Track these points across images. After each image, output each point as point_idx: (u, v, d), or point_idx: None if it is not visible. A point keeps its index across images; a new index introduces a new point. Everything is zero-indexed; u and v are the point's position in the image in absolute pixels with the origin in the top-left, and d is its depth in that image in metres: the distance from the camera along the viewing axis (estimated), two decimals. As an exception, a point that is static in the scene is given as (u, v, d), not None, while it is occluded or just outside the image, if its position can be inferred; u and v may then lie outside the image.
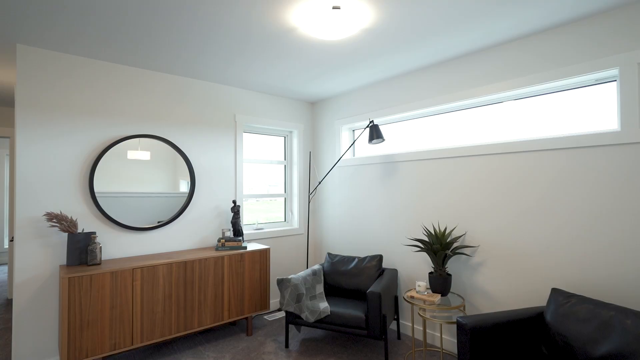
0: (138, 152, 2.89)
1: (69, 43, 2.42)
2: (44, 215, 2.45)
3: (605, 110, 2.14)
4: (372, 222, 3.43)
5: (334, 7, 1.94)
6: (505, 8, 1.99)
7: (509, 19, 2.12)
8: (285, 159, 4.13)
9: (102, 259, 2.72)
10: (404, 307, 3.15)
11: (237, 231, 3.30)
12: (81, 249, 2.52)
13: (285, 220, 4.10)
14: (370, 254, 3.44)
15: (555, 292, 2.04)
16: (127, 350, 2.75)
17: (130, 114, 2.88)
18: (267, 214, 3.98)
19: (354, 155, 3.79)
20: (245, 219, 3.76)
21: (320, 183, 3.89)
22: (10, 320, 3.53)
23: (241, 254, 3.06)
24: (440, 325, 2.52)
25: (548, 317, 1.98)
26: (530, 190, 2.35)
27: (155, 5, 1.92)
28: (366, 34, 2.32)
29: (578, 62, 2.15)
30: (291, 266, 3.96)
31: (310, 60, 2.78)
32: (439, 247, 2.55)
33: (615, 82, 2.10)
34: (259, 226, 3.80)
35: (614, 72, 2.05)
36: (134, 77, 2.91)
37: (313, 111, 4.20)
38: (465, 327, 1.91)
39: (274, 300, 3.78)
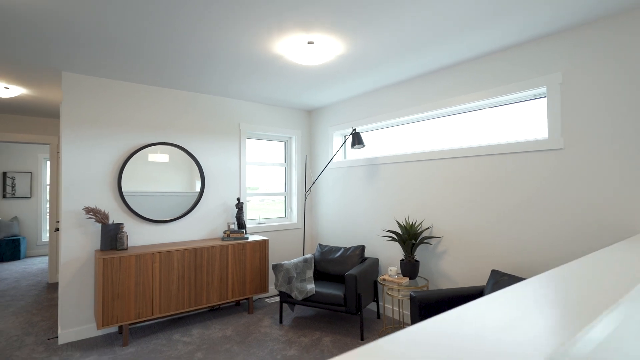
0: (158, 155, 3.46)
1: (103, 69, 3.00)
2: (83, 209, 3.04)
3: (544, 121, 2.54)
4: (359, 217, 3.89)
5: (309, 42, 2.42)
6: (462, 34, 2.43)
7: (465, 43, 2.56)
8: (285, 162, 4.63)
9: (129, 245, 3.30)
10: (384, 290, 3.60)
11: (241, 224, 3.82)
12: (112, 237, 3.09)
13: (285, 216, 4.61)
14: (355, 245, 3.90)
15: (493, 272, 2.46)
16: (149, 320, 3.32)
17: (150, 125, 3.45)
18: (271, 213, 4.49)
19: (345, 158, 4.25)
20: (250, 215, 4.29)
21: (314, 183, 4.38)
22: (52, 299, 4.18)
23: (243, 244, 3.58)
24: (402, 302, 2.96)
25: (486, 292, 2.40)
26: (482, 188, 2.77)
27: (165, 37, 2.46)
28: (342, 59, 2.79)
29: (520, 80, 2.55)
30: (289, 255, 4.46)
31: (297, 79, 3.28)
32: (407, 237, 3.00)
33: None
34: (262, 221, 4.32)
35: (543, 89, 2.45)
36: (153, 94, 3.48)
37: (310, 119, 4.69)
38: (415, 299, 2.37)
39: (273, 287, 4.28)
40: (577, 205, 2.26)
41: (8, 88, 3.41)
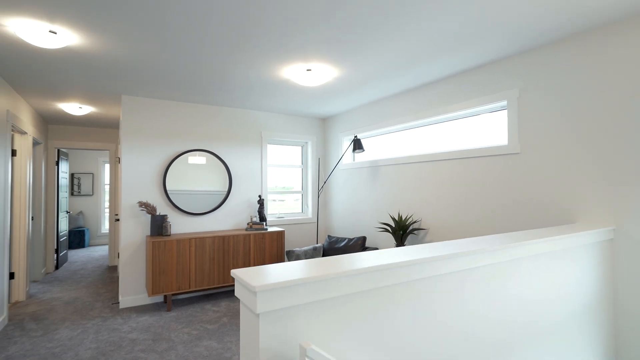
0: (197, 158, 4.24)
1: (152, 92, 3.80)
2: (137, 203, 3.86)
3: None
4: (364, 212, 4.44)
5: (307, 70, 3.03)
6: (439, 56, 2.93)
7: (444, 63, 3.04)
8: (302, 164, 5.27)
9: (171, 232, 4.09)
10: (384, 277, 4.11)
11: (262, 218, 4.50)
12: (159, 225, 3.89)
13: (302, 211, 5.24)
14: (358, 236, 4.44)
15: (462, 257, 2.92)
16: (187, 292, 4.09)
17: (188, 134, 4.22)
18: (291, 209, 5.15)
19: (354, 160, 4.81)
20: (271, 210, 4.97)
21: (325, 182, 4.97)
22: (112, 277, 5.12)
23: (263, 234, 4.25)
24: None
25: (454, 274, 2.87)
26: (458, 187, 3.23)
27: (197, 68, 3.18)
28: (338, 80, 3.37)
29: (488, 94, 2.99)
30: (304, 245, 5.08)
31: (304, 96, 3.89)
32: (397, 229, 3.51)
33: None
34: (281, 215, 4.98)
35: (504, 103, 2.88)
36: (190, 110, 4.25)
37: (324, 125, 5.29)
38: (393, 277, 2.89)
39: (292, 272, 4.93)
40: (530, 201, 2.67)
41: (81, 108, 4.33)
